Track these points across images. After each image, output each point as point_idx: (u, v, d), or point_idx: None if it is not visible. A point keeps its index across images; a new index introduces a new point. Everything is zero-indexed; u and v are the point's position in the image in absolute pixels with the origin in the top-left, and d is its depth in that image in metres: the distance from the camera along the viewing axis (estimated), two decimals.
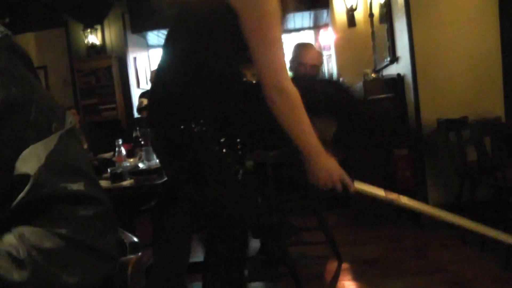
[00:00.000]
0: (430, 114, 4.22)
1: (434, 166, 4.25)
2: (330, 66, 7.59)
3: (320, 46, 7.97)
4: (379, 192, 1.89)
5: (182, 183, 1.94)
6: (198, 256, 3.40)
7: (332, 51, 7.15)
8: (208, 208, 1.87)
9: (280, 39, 1.72)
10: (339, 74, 6.76)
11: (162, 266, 2.68)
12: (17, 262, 0.73)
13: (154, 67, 7.19)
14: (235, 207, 1.84)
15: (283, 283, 3.15)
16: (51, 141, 0.80)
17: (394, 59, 5.02)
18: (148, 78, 6.96)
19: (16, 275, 0.73)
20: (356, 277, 3.32)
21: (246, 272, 2.10)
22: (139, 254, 0.99)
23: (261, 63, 1.72)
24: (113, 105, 7.44)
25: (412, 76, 4.34)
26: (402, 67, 4.75)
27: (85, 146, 5.65)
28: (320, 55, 3.76)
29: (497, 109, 4.06)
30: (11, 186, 0.76)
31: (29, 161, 0.77)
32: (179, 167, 1.85)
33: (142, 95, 6.76)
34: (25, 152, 0.78)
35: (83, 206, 0.81)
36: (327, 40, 8.00)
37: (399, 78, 4.78)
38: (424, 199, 4.24)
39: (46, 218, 0.77)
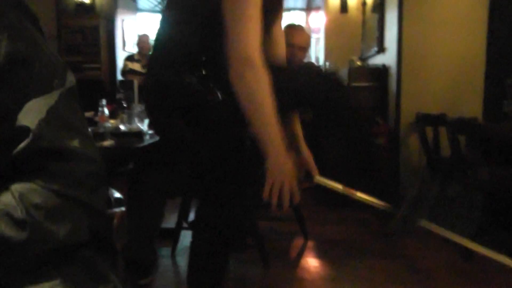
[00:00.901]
0: (410, 107, 4.33)
1: (408, 158, 4.38)
2: (317, 49, 7.64)
3: (309, 29, 8.01)
4: (338, 186, 1.86)
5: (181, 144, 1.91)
6: (169, 222, 3.46)
7: (321, 35, 7.20)
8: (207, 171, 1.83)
9: (257, 18, 1.58)
10: (325, 59, 6.83)
11: (134, 229, 2.71)
12: (17, 222, 0.77)
13: (142, 31, 7.16)
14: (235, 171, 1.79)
15: (249, 255, 3.22)
16: (52, 97, 0.84)
17: (381, 49, 5.10)
18: (135, 42, 6.91)
19: (16, 235, 0.77)
20: (320, 256, 3.43)
21: None
22: (123, 209, 1.05)
23: (233, 36, 1.57)
24: (97, 65, 7.39)
25: (397, 68, 4.44)
26: (388, 58, 4.84)
27: None
28: (309, 38, 3.80)
29: (476, 110, 4.19)
30: (12, 137, 0.80)
31: (31, 114, 0.81)
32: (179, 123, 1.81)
33: (128, 59, 6.73)
34: (27, 105, 0.81)
35: (78, 162, 0.85)
36: (317, 23, 8.04)
37: (384, 68, 4.87)
38: (396, 189, 4.38)
39: (43, 172, 0.81)
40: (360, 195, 1.90)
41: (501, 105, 3.90)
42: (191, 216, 3.40)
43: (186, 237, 3.32)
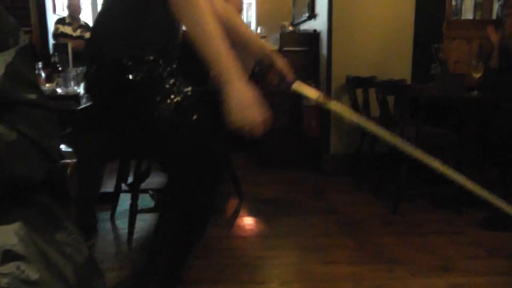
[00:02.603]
0: (340, 71, 4.43)
1: (339, 119, 4.51)
2: (249, 14, 7.64)
3: None
4: (314, 94, 1.86)
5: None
6: (107, 186, 3.43)
7: (253, 0, 7.21)
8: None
9: None
10: (257, 24, 6.85)
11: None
12: None
13: None
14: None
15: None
16: (9, 54, 0.88)
17: (312, 15, 5.17)
18: (66, 5, 6.67)
19: None
20: (255, 214, 3.50)
21: None
22: (75, 160, 1.09)
23: None
24: (28, 28, 7.06)
25: (328, 33, 4.52)
26: (319, 23, 4.91)
27: None
28: (241, 2, 3.81)
29: (404, 73, 4.34)
30: None
31: None
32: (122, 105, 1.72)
33: (58, 22, 6.52)
34: None
35: (37, 110, 0.90)
36: None
37: (315, 34, 4.95)
38: (327, 149, 4.52)
39: (6, 115, 0.84)
40: (334, 105, 1.91)
41: (429, 68, 4.09)
42: (130, 179, 3.37)
43: (124, 201, 3.30)
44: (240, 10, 3.68)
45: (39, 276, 0.82)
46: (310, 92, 1.87)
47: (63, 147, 1.11)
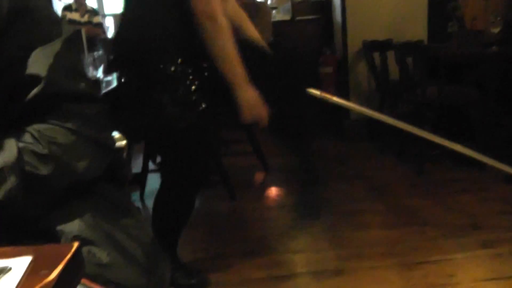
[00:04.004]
0: (356, 36, 4.41)
1: (357, 84, 4.51)
2: None
3: None
4: (316, 92, 2.22)
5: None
6: (135, 167, 3.49)
7: None
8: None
9: None
10: None
11: None
12: (41, 158, 0.83)
13: None
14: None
15: (215, 191, 3.31)
16: (56, 45, 0.89)
17: None
18: None
19: (43, 170, 0.83)
20: (282, 184, 3.56)
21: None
22: (126, 142, 1.13)
23: None
24: None
25: (341, 0, 4.49)
26: None
27: None
28: None
29: (421, 33, 4.31)
30: (22, 83, 0.85)
31: (39, 62, 0.86)
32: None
33: (66, 9, 6.51)
34: (34, 53, 0.87)
35: (87, 104, 0.91)
36: None
37: (328, 0, 4.92)
38: (346, 115, 4.53)
39: (56, 114, 0.87)
40: (336, 99, 2.29)
41: (445, 27, 4.04)
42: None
43: (152, 180, 3.36)
44: None
45: (110, 259, 0.86)
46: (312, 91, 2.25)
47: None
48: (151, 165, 3.37)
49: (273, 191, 3.48)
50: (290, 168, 3.86)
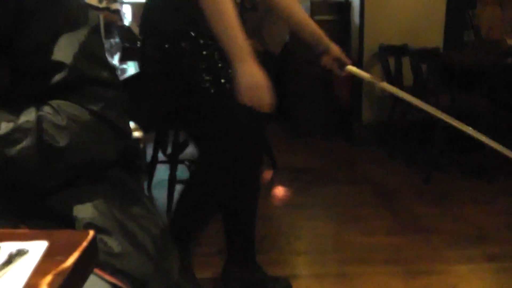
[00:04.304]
0: (373, 39, 4.40)
1: (371, 88, 4.50)
2: None
3: None
4: (366, 75, 2.07)
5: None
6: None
7: None
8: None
9: None
10: None
11: None
12: (59, 128, 0.84)
13: None
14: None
15: None
16: (82, 33, 0.91)
17: None
18: None
19: (60, 141, 0.84)
20: (289, 183, 3.56)
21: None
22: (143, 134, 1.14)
23: None
24: None
25: (360, 1, 4.47)
26: None
27: None
28: None
29: (437, 40, 4.29)
30: (48, 68, 0.87)
31: (65, 49, 0.88)
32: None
33: None
34: (60, 40, 0.88)
35: (109, 89, 0.93)
36: None
37: (347, 2, 4.90)
38: (358, 117, 4.52)
39: (79, 95, 0.88)
40: (385, 85, 2.10)
41: (461, 35, 4.03)
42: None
43: (160, 171, 3.38)
44: None
45: (122, 248, 0.86)
46: (362, 73, 2.04)
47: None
48: (160, 156, 3.37)
49: (280, 189, 3.48)
50: (296, 166, 3.87)
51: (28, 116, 0.83)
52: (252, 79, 1.63)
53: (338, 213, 2.97)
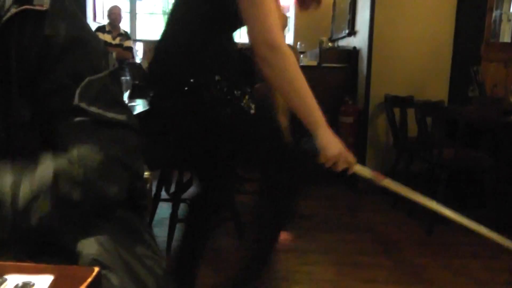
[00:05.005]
0: (379, 89, 4.47)
1: (375, 137, 4.54)
2: (287, 28, 7.72)
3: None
4: (369, 173, 1.95)
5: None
6: None
7: (291, 14, 7.26)
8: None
9: (271, 1, 1.60)
10: (295, 39, 6.91)
11: None
12: (76, 183, 0.86)
13: (113, 2, 7.06)
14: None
15: (225, 228, 3.33)
16: (103, 77, 0.94)
17: (352, 32, 5.22)
18: (107, 13, 6.82)
19: (76, 195, 0.86)
20: (290, 228, 3.55)
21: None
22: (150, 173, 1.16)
23: (252, 20, 1.60)
24: None
25: (368, 51, 4.56)
26: (358, 40, 4.96)
27: None
28: (286, 18, 3.87)
29: (442, 94, 4.37)
30: (69, 110, 0.89)
31: (87, 92, 0.90)
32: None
33: (98, 29, 6.66)
34: (84, 83, 0.90)
35: (128, 132, 0.95)
36: (286, 1, 8.05)
37: (355, 51, 5.00)
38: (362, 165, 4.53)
39: (98, 138, 0.90)
40: (388, 182, 1.97)
41: (466, 90, 4.09)
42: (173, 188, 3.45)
43: (162, 209, 3.39)
44: (285, 26, 3.74)
45: (123, 285, 0.88)
46: (366, 172, 1.95)
47: None
48: (163, 194, 3.39)
49: (281, 234, 3.46)
50: (300, 213, 3.87)
51: (44, 175, 0.85)
52: (334, 141, 1.70)
53: (338, 260, 2.95)
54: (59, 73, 0.89)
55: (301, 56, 5.47)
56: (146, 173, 1.13)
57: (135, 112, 2.88)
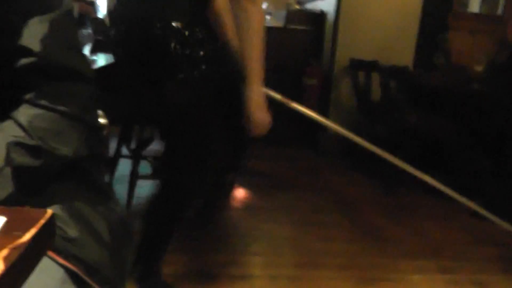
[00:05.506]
0: (344, 53, 4.46)
1: (339, 100, 4.56)
2: None
3: None
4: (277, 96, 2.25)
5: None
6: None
7: None
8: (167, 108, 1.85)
9: None
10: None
11: None
12: (30, 149, 0.82)
13: None
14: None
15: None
16: (53, 15, 0.88)
17: None
18: None
19: (34, 162, 0.82)
20: (250, 187, 3.57)
21: None
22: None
23: None
24: None
25: (335, 15, 4.53)
26: (326, 4, 4.91)
27: None
28: None
29: (407, 60, 4.37)
30: (15, 51, 0.84)
31: (35, 32, 0.85)
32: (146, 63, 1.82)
33: None
34: (31, 22, 0.85)
35: (80, 84, 0.90)
36: None
37: (322, 14, 4.96)
38: (324, 128, 4.56)
39: (48, 93, 0.85)
40: (295, 105, 2.27)
41: (431, 58, 4.13)
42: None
43: (123, 166, 3.34)
44: None
45: (77, 234, 0.86)
46: (274, 95, 2.24)
47: None
48: (123, 151, 3.35)
49: (240, 192, 3.49)
50: (259, 171, 3.89)
51: None
52: (261, 103, 1.86)
53: (297, 218, 3.00)
54: (4, 11, 0.84)
55: (268, 17, 5.40)
56: (103, 121, 1.10)
57: (96, 66, 2.83)
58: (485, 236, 2.90)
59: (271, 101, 2.06)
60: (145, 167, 3.44)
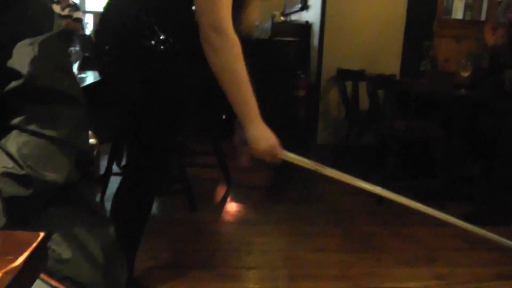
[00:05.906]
0: (331, 63, 4.50)
1: (327, 111, 4.59)
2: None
3: None
4: (306, 162, 1.85)
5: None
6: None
7: None
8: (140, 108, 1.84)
9: None
10: None
11: None
12: (19, 179, 0.82)
13: None
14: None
15: (177, 200, 3.31)
16: (43, 38, 0.88)
17: (305, 6, 5.22)
18: None
19: (23, 192, 0.82)
20: (244, 200, 3.57)
21: None
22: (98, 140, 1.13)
23: (203, 4, 1.56)
24: None
25: (320, 25, 4.57)
26: (311, 15, 4.96)
27: None
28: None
29: (394, 68, 4.43)
30: (4, 72, 0.84)
31: (25, 54, 0.85)
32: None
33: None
34: (21, 44, 0.85)
35: (68, 106, 0.90)
36: None
37: (307, 25, 5.00)
38: (313, 138, 4.58)
39: (37, 117, 0.85)
40: (329, 170, 1.91)
41: (418, 65, 4.17)
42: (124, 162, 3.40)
43: (114, 183, 3.32)
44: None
45: (70, 255, 0.86)
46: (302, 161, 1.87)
47: None
48: (114, 168, 3.33)
49: (233, 206, 3.49)
50: (252, 184, 3.89)
51: None
52: (266, 140, 1.66)
53: (289, 230, 2.99)
54: None
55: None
56: (93, 141, 1.10)
57: (85, 84, 2.80)
58: (479, 242, 2.89)
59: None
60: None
